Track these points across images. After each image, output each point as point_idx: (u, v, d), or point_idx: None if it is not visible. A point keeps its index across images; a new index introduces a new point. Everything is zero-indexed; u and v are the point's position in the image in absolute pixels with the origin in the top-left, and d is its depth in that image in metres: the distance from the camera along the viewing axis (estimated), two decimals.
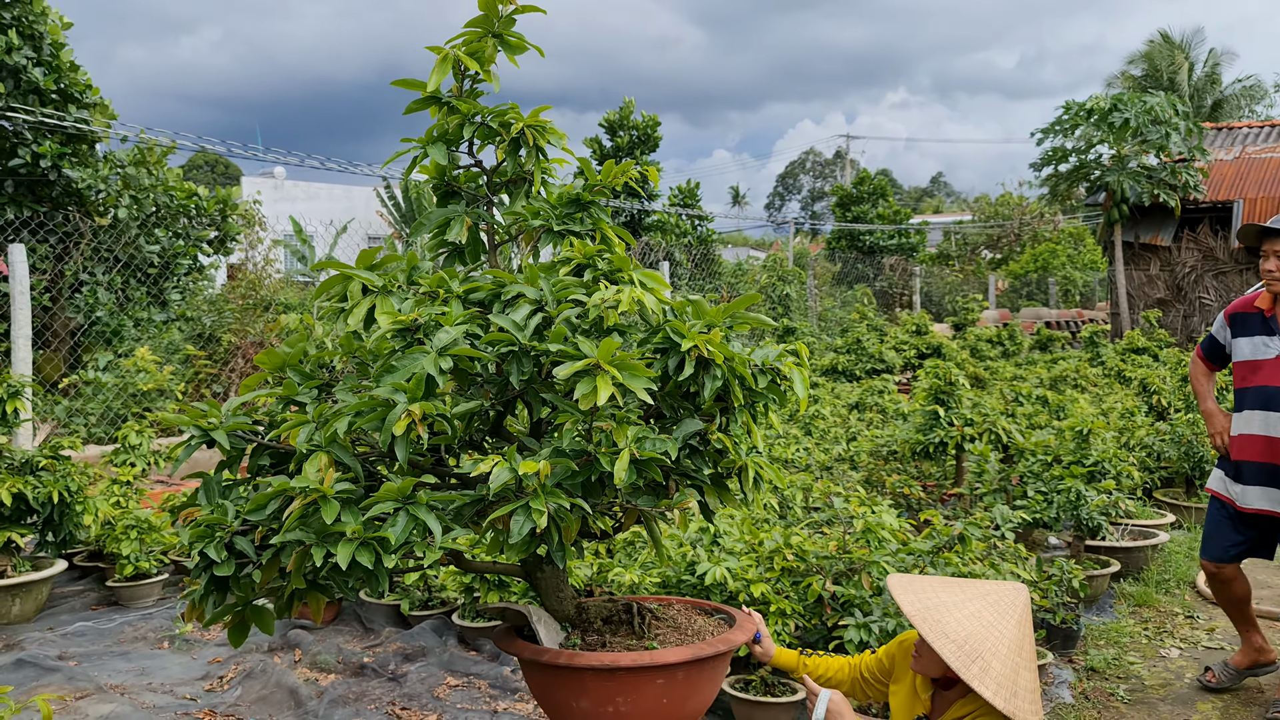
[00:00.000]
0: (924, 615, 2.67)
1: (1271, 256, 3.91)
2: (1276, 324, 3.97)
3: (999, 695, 2.51)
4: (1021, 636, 2.66)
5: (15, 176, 8.99)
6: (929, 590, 2.79)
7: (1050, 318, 24.68)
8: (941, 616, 2.66)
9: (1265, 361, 3.97)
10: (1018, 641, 2.64)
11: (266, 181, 30.76)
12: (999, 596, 2.74)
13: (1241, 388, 4.07)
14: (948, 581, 2.89)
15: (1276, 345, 3.94)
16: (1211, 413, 4.28)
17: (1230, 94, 34.42)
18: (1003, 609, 2.70)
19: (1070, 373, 11.65)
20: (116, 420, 8.42)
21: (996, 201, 31.56)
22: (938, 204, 59.59)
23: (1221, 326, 4.22)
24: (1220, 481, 4.17)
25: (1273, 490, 3.95)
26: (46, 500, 5.32)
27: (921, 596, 2.75)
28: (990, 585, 2.83)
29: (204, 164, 45.22)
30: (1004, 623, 2.66)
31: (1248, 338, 4.05)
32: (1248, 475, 4.02)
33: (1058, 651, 4.63)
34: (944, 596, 2.74)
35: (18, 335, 7.44)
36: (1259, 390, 3.97)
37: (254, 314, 10.45)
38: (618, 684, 2.62)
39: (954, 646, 2.58)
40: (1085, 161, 18.65)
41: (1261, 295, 4.07)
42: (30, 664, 4.60)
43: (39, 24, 8.92)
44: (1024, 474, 5.93)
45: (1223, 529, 4.14)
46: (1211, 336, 4.29)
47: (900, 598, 2.76)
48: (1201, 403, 4.38)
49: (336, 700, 4.16)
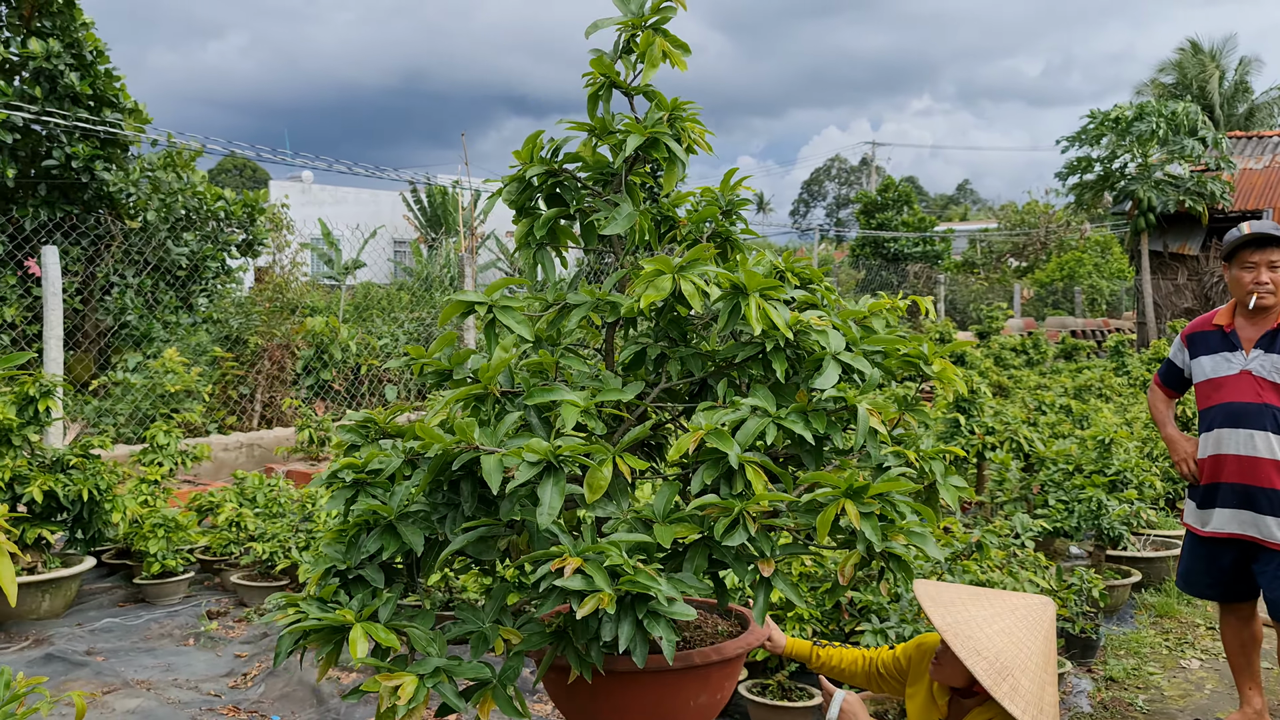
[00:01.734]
0: (955, 630, 2.65)
1: (1263, 267, 3.69)
2: (1237, 339, 3.78)
3: (1027, 713, 2.51)
4: (1047, 652, 2.66)
5: (49, 179, 9.15)
6: (958, 603, 2.76)
7: (1076, 326, 24.51)
8: (973, 632, 2.63)
9: (1228, 378, 3.77)
10: (1044, 657, 2.64)
11: (294, 185, 31.07)
12: (1027, 611, 2.72)
13: (1206, 407, 3.87)
14: (976, 593, 2.86)
15: (1239, 360, 3.75)
16: (1174, 439, 4.04)
17: (1262, 102, 34.10)
18: (1031, 624, 2.68)
19: (1095, 382, 11.58)
20: (145, 420, 8.54)
21: (1023, 209, 31.38)
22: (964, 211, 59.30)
23: (1179, 349, 4.02)
24: (1193, 513, 3.95)
25: (1245, 513, 3.72)
26: (76, 498, 5.42)
27: (952, 610, 2.72)
28: (1018, 599, 2.81)
29: (233, 168, 45.69)
30: (1032, 639, 2.64)
31: (1209, 355, 3.85)
32: (1221, 497, 3.79)
33: (1076, 661, 4.62)
34: (973, 610, 2.71)
35: (50, 336, 7.56)
36: (1224, 408, 3.77)
37: (280, 316, 10.57)
38: (654, 684, 2.66)
39: (985, 663, 2.57)
40: (1110, 170, 18.54)
41: (1220, 312, 3.90)
42: (60, 659, 4.69)
43: (79, 32, 9.09)
44: (1045, 483, 5.92)
45: (1201, 562, 3.94)
46: (1169, 361, 4.09)
47: (930, 610, 2.73)
48: (1162, 429, 4.15)
49: (360, 702, 4.22)
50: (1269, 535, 3.66)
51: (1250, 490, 3.71)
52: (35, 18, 9.06)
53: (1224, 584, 3.91)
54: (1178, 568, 4.12)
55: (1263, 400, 3.68)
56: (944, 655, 2.79)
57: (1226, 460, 3.76)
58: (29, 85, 8.86)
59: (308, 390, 10.30)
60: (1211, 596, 4.03)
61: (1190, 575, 4.01)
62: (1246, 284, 3.71)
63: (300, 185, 31.32)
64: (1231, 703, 4.26)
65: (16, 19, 9.08)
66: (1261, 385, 3.69)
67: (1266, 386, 3.68)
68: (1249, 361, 3.74)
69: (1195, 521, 3.92)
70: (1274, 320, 3.72)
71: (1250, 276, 3.70)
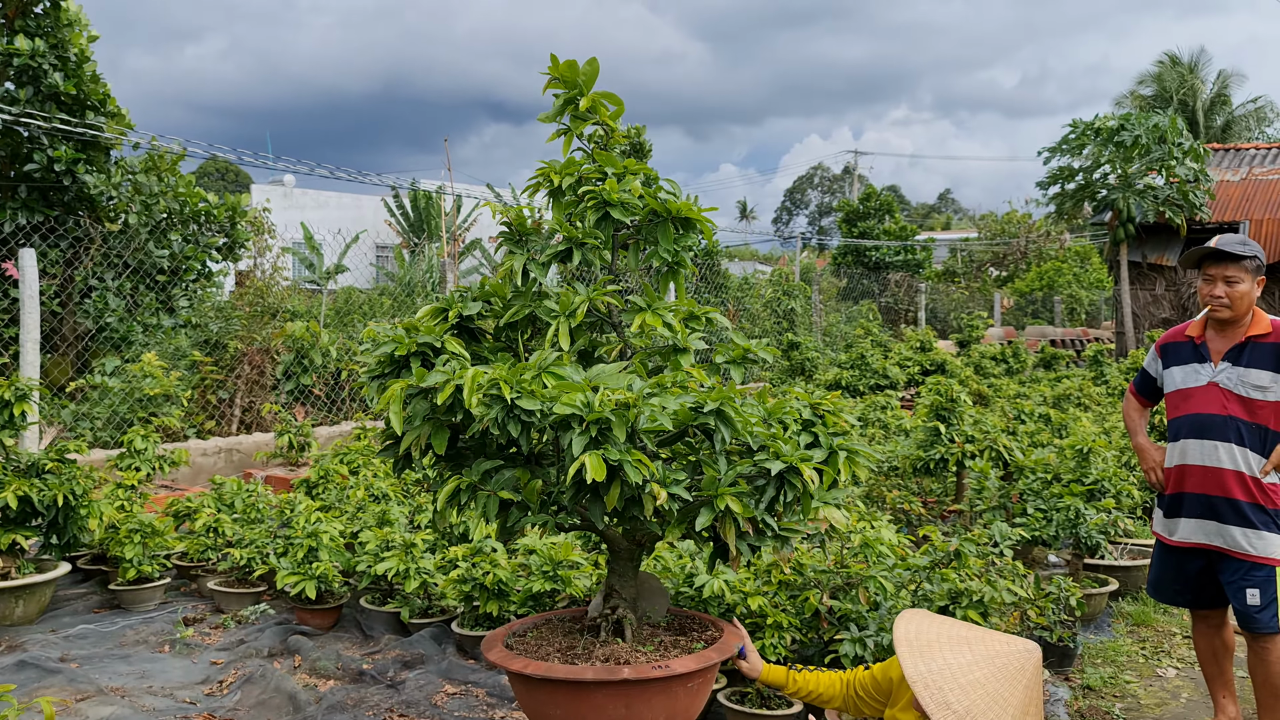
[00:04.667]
0: (925, 681, 2.58)
1: (1219, 281, 3.76)
2: (1207, 351, 3.85)
3: None
4: (1027, 702, 2.59)
5: (29, 181, 9.07)
6: (935, 648, 2.69)
7: (1055, 336, 24.64)
8: (944, 683, 2.58)
9: (1197, 389, 3.84)
10: (1022, 709, 2.57)
11: (276, 189, 30.93)
12: (1008, 660, 2.65)
13: (1174, 417, 3.93)
14: (958, 637, 2.77)
15: (1208, 372, 3.82)
16: (1143, 448, 4.11)
17: (1240, 115, 34.47)
18: (1010, 674, 2.61)
19: (1074, 391, 11.65)
20: (123, 425, 8.47)
21: (1003, 219, 31.58)
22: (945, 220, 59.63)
23: (1154, 359, 4.09)
24: (1160, 521, 4.00)
25: (1209, 523, 3.77)
26: (51, 503, 5.36)
27: (926, 657, 2.64)
28: (1002, 644, 2.73)
29: (214, 171, 45.44)
30: (1010, 690, 2.56)
31: (1180, 366, 3.92)
32: (1186, 507, 3.85)
33: (1054, 669, 4.64)
34: (950, 658, 2.64)
35: (26, 339, 7.50)
36: (1191, 418, 3.83)
37: (261, 321, 10.50)
38: (618, 695, 2.66)
39: (955, 718, 2.53)
40: (1091, 180, 18.69)
41: (1192, 324, 3.97)
42: (32, 665, 4.63)
43: (64, 32, 9.03)
44: (1024, 491, 5.95)
45: (1170, 570, 3.98)
46: (1144, 370, 4.16)
47: (904, 657, 2.65)
48: (1133, 438, 4.21)
49: (335, 706, 4.19)
50: (1233, 545, 3.71)
51: (1213, 501, 3.76)
52: (19, 17, 8.99)
53: (1193, 591, 3.95)
54: (1148, 575, 4.16)
55: (1228, 412, 3.74)
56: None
57: (1191, 470, 3.82)
58: (14, 83, 8.80)
59: (288, 395, 10.23)
60: (1181, 603, 4.07)
61: (1160, 583, 4.06)
62: (1205, 295, 3.83)
63: (282, 189, 31.17)
64: (1207, 711, 4.29)
65: (1, 18, 9.01)
66: (1227, 397, 3.76)
67: (1232, 399, 3.75)
68: (1216, 373, 3.80)
69: (1163, 530, 3.98)
70: (1243, 334, 3.79)
71: (1208, 289, 3.81)
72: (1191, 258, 3.90)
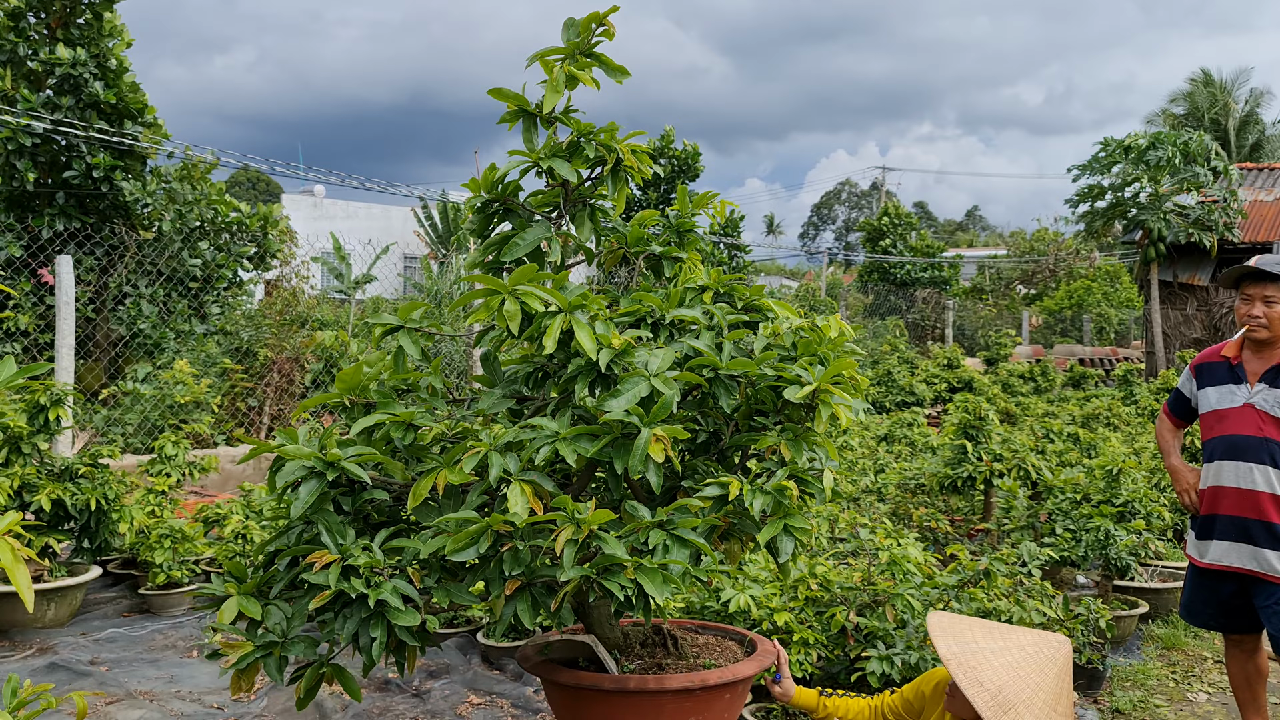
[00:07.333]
0: (959, 660, 2.63)
1: (1258, 301, 3.72)
2: (1243, 372, 3.80)
3: None
4: (1059, 690, 2.62)
5: (68, 188, 9.22)
6: (968, 634, 2.73)
7: (1084, 355, 24.46)
8: (978, 663, 2.61)
9: (1231, 410, 3.79)
10: (1055, 695, 2.60)
11: (306, 199, 31.21)
12: (1040, 647, 2.68)
13: (1209, 438, 3.89)
14: (989, 626, 2.83)
15: (1243, 393, 3.77)
16: (1177, 469, 4.06)
17: (1273, 134, 34.12)
18: (1043, 661, 2.64)
19: (1103, 411, 11.54)
20: (154, 431, 8.57)
21: (1032, 237, 31.40)
22: (972, 238, 59.35)
23: (1188, 379, 4.04)
24: (1193, 544, 3.94)
25: (1244, 546, 3.71)
26: (84, 507, 5.43)
27: (960, 640, 2.69)
28: (1033, 635, 2.77)
29: (244, 181, 45.94)
30: (1042, 675, 2.60)
31: (1215, 387, 3.88)
32: (1219, 530, 3.79)
33: (1083, 692, 4.59)
34: (982, 642, 2.68)
35: (61, 345, 7.60)
36: (1225, 440, 3.79)
37: (290, 330, 10.60)
38: (693, 703, 2.68)
39: (987, 695, 2.55)
40: (1122, 199, 18.55)
41: (1228, 344, 3.92)
42: (63, 668, 4.69)
43: (105, 43, 9.19)
44: (1052, 511, 5.90)
45: (1202, 593, 3.92)
46: (1178, 391, 4.10)
47: (938, 639, 2.71)
48: (1167, 459, 4.17)
49: (360, 714, 4.21)
50: (1268, 568, 3.66)
51: (1247, 523, 3.71)
52: (62, 27, 9.16)
53: (1226, 615, 3.89)
54: (1180, 598, 4.11)
55: (1263, 434, 3.69)
56: (955, 686, 2.78)
57: (1225, 492, 3.77)
58: (55, 91, 8.96)
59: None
60: (1214, 627, 4.01)
61: (1192, 606, 4.00)
62: (1242, 315, 3.79)
63: (312, 199, 31.45)
64: None
65: (44, 29, 9.18)
66: (1263, 419, 3.70)
67: (1268, 420, 3.69)
68: (1253, 395, 3.75)
69: (1195, 552, 3.92)
70: (1279, 355, 3.74)
71: (1246, 309, 3.77)
72: (1230, 277, 3.86)
